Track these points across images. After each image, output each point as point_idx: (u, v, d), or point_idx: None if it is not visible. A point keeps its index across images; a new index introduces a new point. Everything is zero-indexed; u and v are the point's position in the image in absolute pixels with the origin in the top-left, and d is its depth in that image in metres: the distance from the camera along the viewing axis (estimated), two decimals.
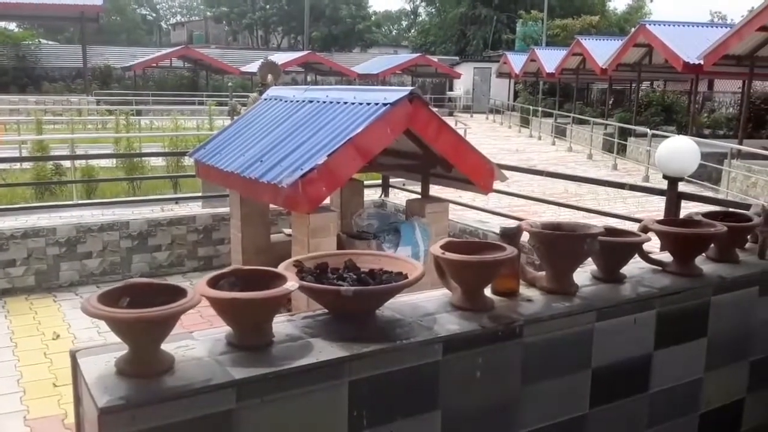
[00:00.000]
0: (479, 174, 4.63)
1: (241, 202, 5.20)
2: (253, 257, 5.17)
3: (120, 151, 12.98)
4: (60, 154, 11.73)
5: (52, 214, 7.30)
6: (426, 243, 4.63)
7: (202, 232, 6.23)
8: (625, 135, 17.71)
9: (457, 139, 4.56)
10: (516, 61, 31.04)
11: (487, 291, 1.90)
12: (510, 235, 1.92)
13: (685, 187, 4.87)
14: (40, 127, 14.59)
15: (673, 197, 4.31)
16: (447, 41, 48.79)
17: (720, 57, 14.76)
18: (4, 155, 11.15)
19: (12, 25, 38.99)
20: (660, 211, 4.85)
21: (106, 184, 10.79)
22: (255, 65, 21.42)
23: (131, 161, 11.75)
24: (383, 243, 4.72)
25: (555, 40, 34.83)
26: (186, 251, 6.17)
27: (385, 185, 7.10)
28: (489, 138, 22.46)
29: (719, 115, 21.39)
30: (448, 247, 1.83)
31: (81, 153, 11.76)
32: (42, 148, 11.78)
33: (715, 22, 37.97)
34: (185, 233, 6.14)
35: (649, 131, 15.08)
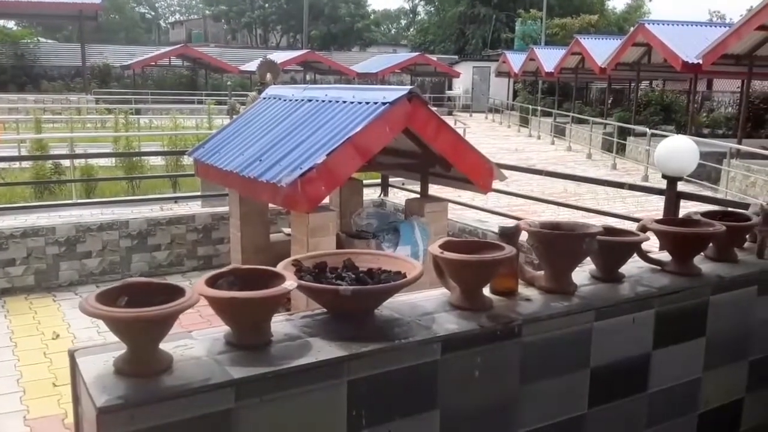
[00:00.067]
0: (478, 173, 4.64)
1: (241, 202, 5.20)
2: (253, 256, 5.17)
3: (119, 150, 12.98)
4: (59, 153, 11.71)
5: (52, 214, 7.28)
6: (425, 242, 4.63)
7: (202, 232, 6.23)
8: (624, 134, 17.71)
9: (456, 139, 4.56)
10: (515, 60, 31.04)
11: (485, 290, 1.89)
12: (509, 234, 1.91)
13: (684, 187, 4.87)
14: (39, 126, 14.58)
15: (672, 197, 4.32)
16: (446, 40, 48.80)
17: (719, 56, 14.78)
18: (3, 154, 11.16)
19: (10, 24, 39.02)
20: (659, 210, 4.86)
21: (105, 183, 10.77)
22: (254, 64, 21.38)
23: (130, 160, 11.75)
24: (382, 242, 4.72)
25: (554, 39, 34.87)
26: (185, 250, 6.17)
27: (384, 184, 7.09)
28: (488, 137, 22.44)
29: (718, 115, 21.43)
30: (447, 246, 1.83)
31: (80, 152, 11.74)
32: (41, 147, 11.79)
33: (714, 21, 38.01)
34: (184, 232, 6.15)
35: (648, 131, 15.09)
